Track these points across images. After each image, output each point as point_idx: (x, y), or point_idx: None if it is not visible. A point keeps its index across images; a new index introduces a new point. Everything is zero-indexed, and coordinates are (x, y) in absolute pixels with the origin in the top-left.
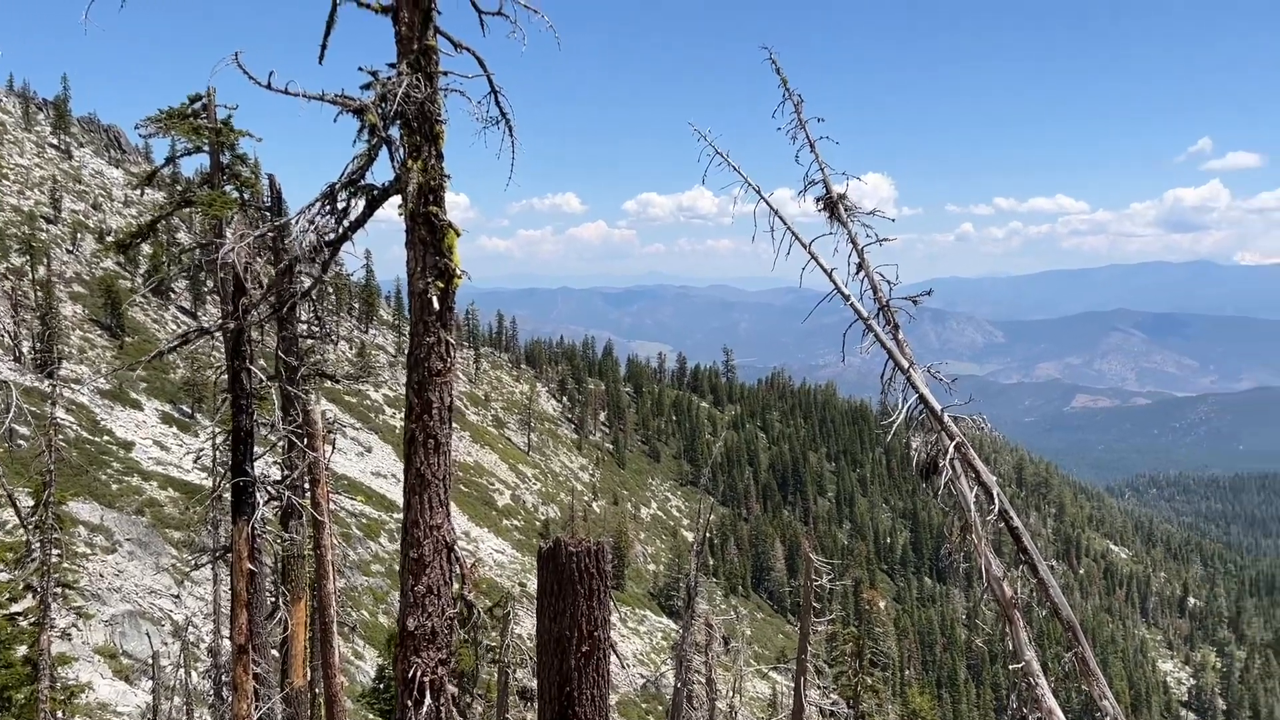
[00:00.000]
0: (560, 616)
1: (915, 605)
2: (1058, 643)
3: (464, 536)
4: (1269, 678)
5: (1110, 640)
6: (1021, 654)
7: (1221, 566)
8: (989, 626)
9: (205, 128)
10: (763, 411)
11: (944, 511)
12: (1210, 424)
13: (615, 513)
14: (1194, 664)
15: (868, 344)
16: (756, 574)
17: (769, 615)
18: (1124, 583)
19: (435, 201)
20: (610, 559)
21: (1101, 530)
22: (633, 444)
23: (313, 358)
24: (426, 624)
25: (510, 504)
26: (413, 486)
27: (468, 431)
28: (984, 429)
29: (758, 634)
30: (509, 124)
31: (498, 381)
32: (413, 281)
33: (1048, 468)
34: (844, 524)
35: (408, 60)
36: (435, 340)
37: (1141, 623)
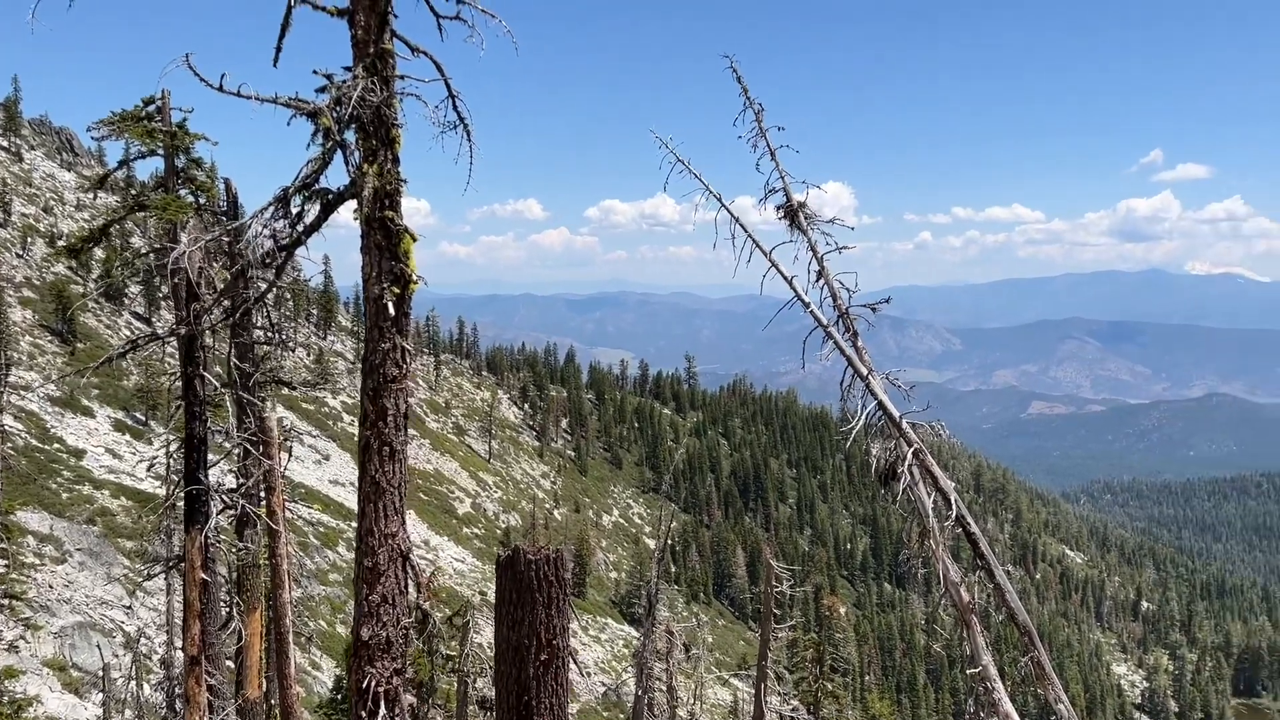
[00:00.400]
0: (519, 625)
1: (875, 611)
2: (1015, 647)
3: (424, 545)
4: (1219, 679)
5: (1066, 644)
6: (979, 658)
7: (1174, 571)
8: (947, 631)
9: (160, 131)
10: (725, 418)
11: (903, 517)
12: (1162, 430)
13: (577, 520)
14: (1147, 667)
15: (827, 351)
16: (718, 581)
17: (730, 622)
18: (1079, 587)
19: (391, 206)
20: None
21: (1057, 535)
22: (595, 451)
23: (269, 364)
24: (381, 634)
25: (471, 512)
26: (367, 494)
27: (428, 439)
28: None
29: (719, 641)
30: (467, 128)
31: (459, 388)
32: (368, 287)
33: (1005, 474)
34: (805, 530)
35: (364, 64)
36: (391, 346)
37: (1096, 627)
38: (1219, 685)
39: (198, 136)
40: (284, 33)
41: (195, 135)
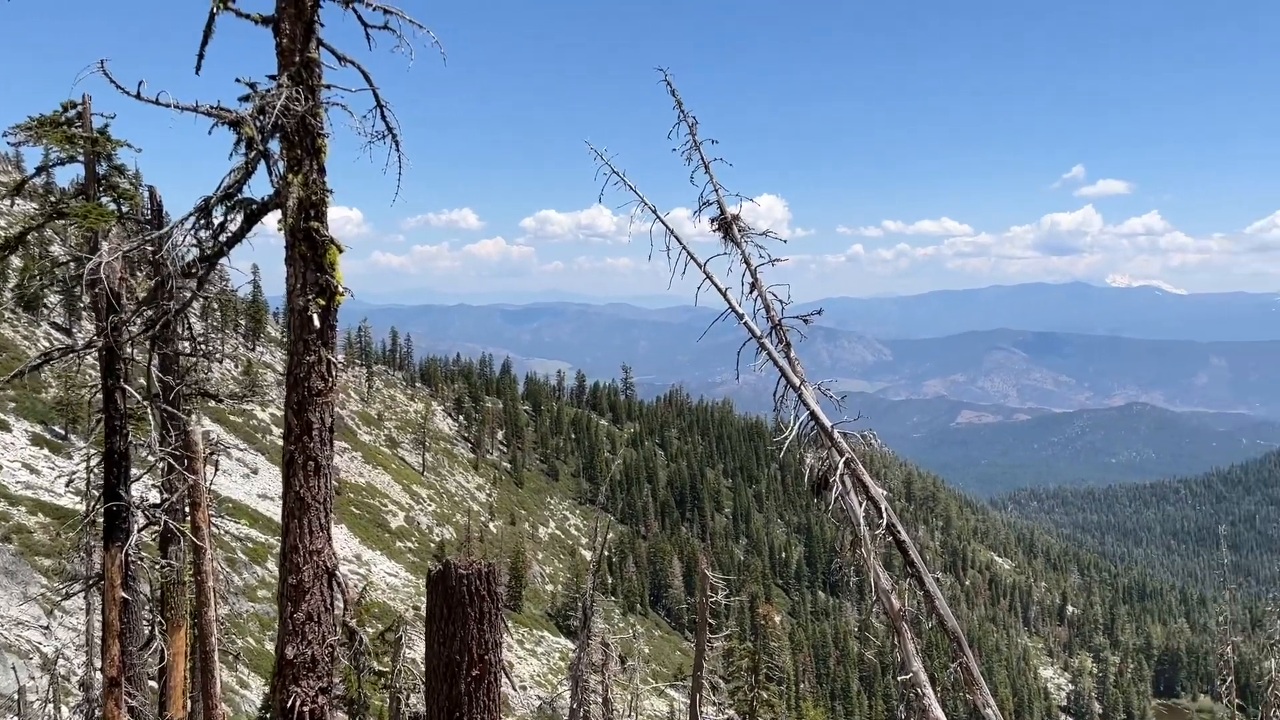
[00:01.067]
0: (450, 640)
1: (809, 619)
2: (945, 653)
3: (355, 559)
4: (1141, 681)
5: (995, 649)
6: (909, 665)
7: (1097, 575)
8: (879, 638)
9: (80, 137)
10: (661, 429)
11: (836, 526)
12: (1086, 438)
13: (513, 533)
14: (1072, 670)
15: (761, 362)
16: (655, 591)
17: (667, 633)
18: (1007, 593)
19: (317, 216)
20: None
21: (986, 542)
22: (531, 463)
23: (194, 376)
24: (306, 652)
25: (404, 525)
26: (291, 510)
27: (360, 452)
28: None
29: (655, 652)
30: (396, 138)
31: (391, 400)
32: (292, 298)
33: (935, 482)
34: (741, 540)
35: (289, 73)
36: (316, 359)
37: (1024, 631)
38: (1140, 686)
39: (120, 143)
40: (206, 40)
41: (118, 142)
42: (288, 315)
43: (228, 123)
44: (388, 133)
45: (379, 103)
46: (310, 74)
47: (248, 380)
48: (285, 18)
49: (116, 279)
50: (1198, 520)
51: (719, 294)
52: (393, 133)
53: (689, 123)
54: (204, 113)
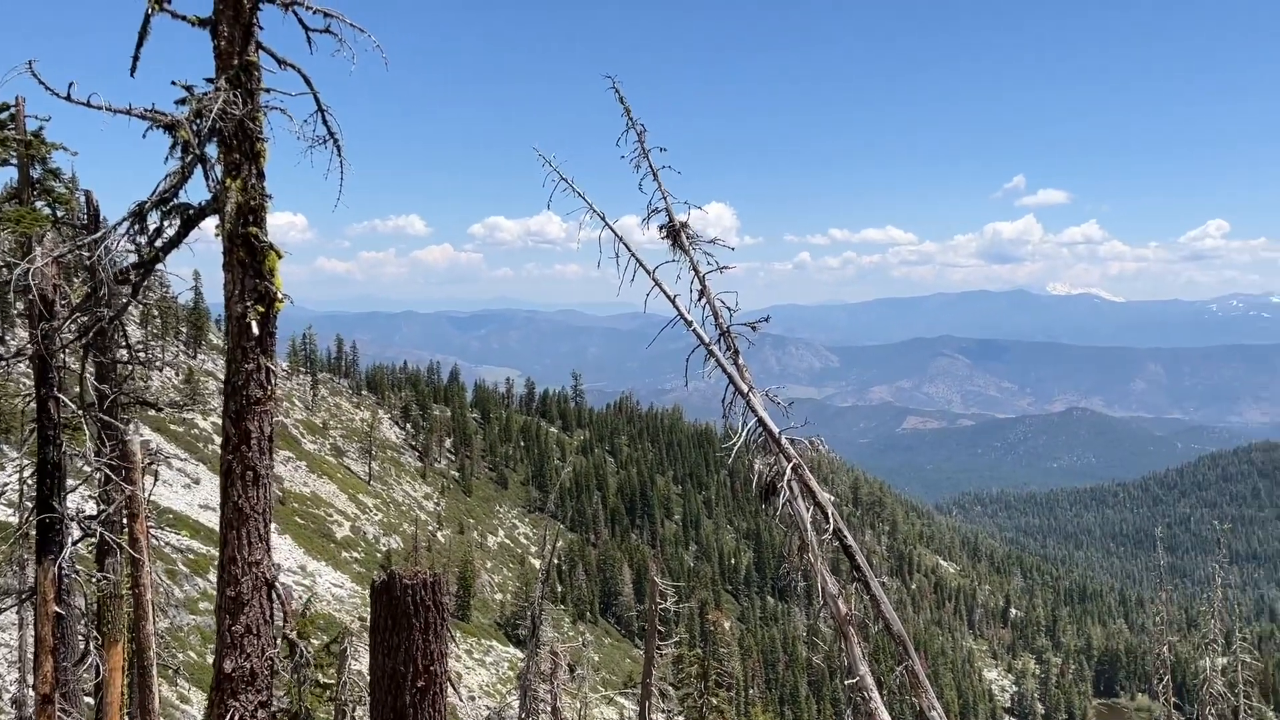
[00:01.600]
0: (395, 652)
1: (759, 624)
2: (891, 657)
3: (300, 570)
4: (1082, 681)
5: (940, 652)
6: (856, 669)
7: (1039, 578)
8: (827, 643)
9: (13, 139)
10: (611, 436)
11: (784, 531)
12: (1028, 443)
13: (461, 542)
14: (1016, 671)
15: (710, 369)
16: (605, 599)
17: (617, 640)
18: (952, 596)
19: (255, 222)
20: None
21: (931, 546)
22: (480, 471)
23: (132, 384)
24: (245, 665)
25: (350, 535)
26: (229, 521)
27: (304, 461)
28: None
29: (605, 659)
30: (337, 143)
31: (337, 408)
32: (230, 305)
33: (881, 487)
34: (690, 546)
35: (227, 76)
36: (255, 367)
37: (969, 634)
38: (1081, 687)
39: (55, 146)
40: (141, 41)
41: (53, 145)
42: (226, 322)
43: (163, 126)
44: (329, 137)
45: (320, 107)
46: (249, 77)
47: (189, 388)
48: (223, 20)
49: (50, 285)
50: (1135, 523)
51: (668, 301)
52: (334, 137)
53: (637, 130)
54: (138, 115)
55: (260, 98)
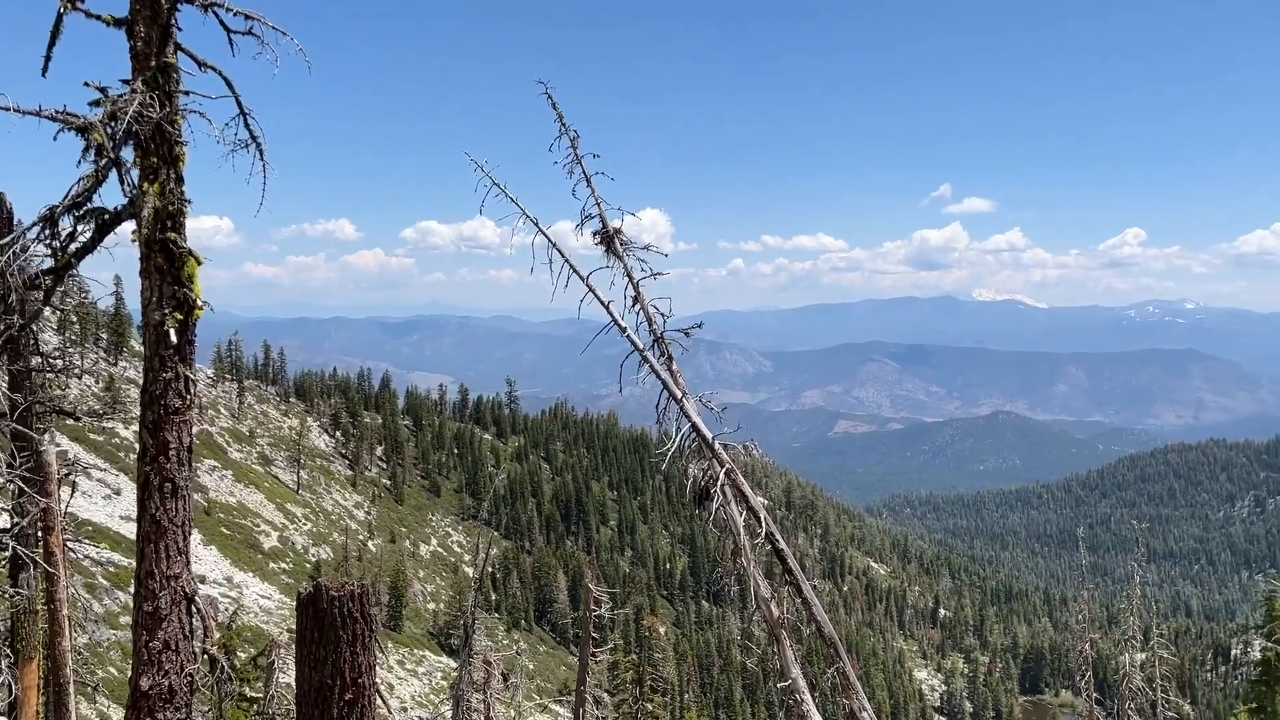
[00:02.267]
0: (322, 665)
1: (694, 629)
2: (823, 659)
3: (226, 582)
4: (1008, 679)
5: (872, 653)
6: (788, 671)
7: (967, 579)
8: (760, 646)
9: None
10: (546, 442)
11: (718, 536)
12: (955, 446)
13: (393, 551)
14: (945, 671)
15: (644, 375)
16: (540, 607)
17: (552, 648)
18: (883, 597)
19: (174, 228)
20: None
21: (863, 549)
22: (412, 479)
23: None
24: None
25: (278, 546)
26: (147, 534)
27: (230, 470)
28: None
29: (541, 667)
30: (260, 147)
31: (264, 416)
32: (148, 313)
33: (814, 490)
34: (626, 552)
35: (144, 77)
36: (173, 376)
37: (899, 635)
38: (1008, 685)
39: None
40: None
41: None
42: (144, 330)
43: (75, 128)
44: (252, 141)
45: (242, 110)
46: (167, 79)
47: (109, 397)
48: (140, 20)
49: None
50: (1059, 523)
51: (602, 307)
52: (256, 141)
53: (570, 136)
54: (48, 117)
55: (179, 100)
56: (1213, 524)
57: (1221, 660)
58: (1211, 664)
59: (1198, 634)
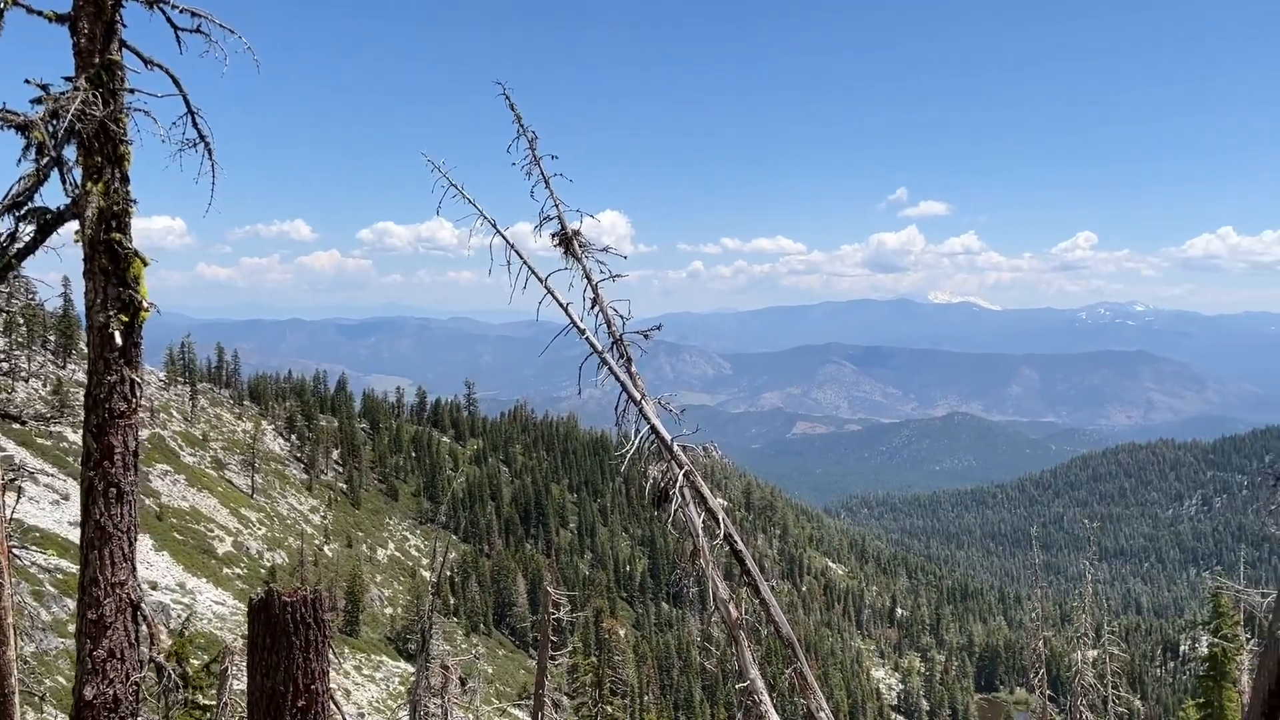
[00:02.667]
0: (274, 671)
1: (654, 630)
2: (782, 660)
3: (179, 588)
4: (964, 677)
5: (830, 653)
6: (747, 672)
7: (924, 578)
8: (720, 648)
9: None
10: (505, 445)
11: (677, 538)
12: (912, 447)
13: (349, 555)
14: (902, 670)
15: (603, 377)
16: (499, 610)
17: (511, 651)
18: (841, 597)
19: (119, 228)
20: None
21: (821, 549)
22: (369, 483)
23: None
24: (108, 691)
25: (232, 551)
26: (91, 541)
27: (183, 475)
28: (714, 456)
29: (500, 671)
30: (209, 147)
31: (218, 420)
32: (92, 315)
33: (773, 491)
34: (585, 554)
35: (87, 75)
36: (118, 379)
37: (857, 634)
38: (964, 683)
39: None
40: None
41: None
42: (88, 332)
43: (15, 126)
44: (200, 140)
45: (190, 109)
46: (112, 77)
47: (57, 400)
48: (84, 16)
49: None
50: (1013, 523)
51: (561, 309)
52: (205, 140)
53: (529, 137)
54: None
55: (124, 98)
56: (1162, 522)
57: (1170, 656)
58: (1161, 660)
59: (1148, 630)
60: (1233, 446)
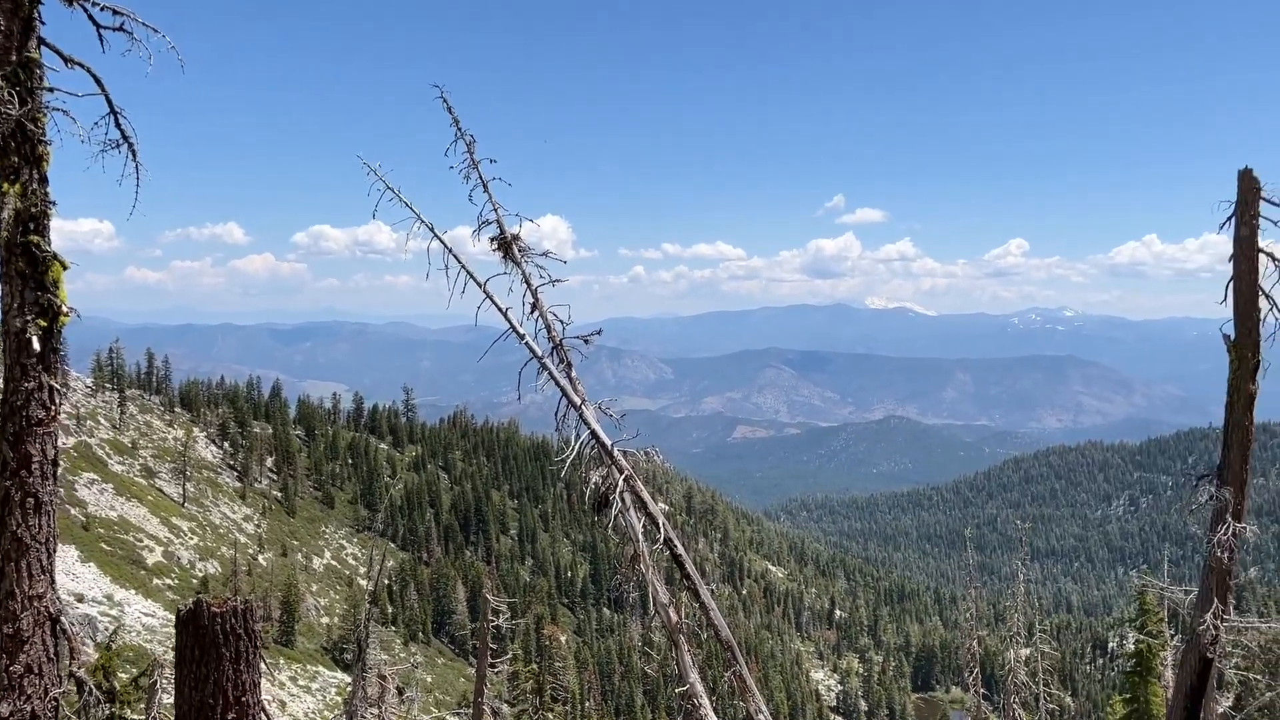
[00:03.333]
0: (203, 683)
1: (595, 636)
2: (721, 663)
3: (107, 600)
4: (901, 677)
5: (770, 655)
6: (687, 676)
7: (862, 580)
8: (660, 652)
9: None
10: (445, 451)
11: (618, 543)
12: (850, 450)
13: (284, 564)
14: (841, 671)
15: (544, 382)
16: (438, 618)
17: (451, 660)
18: (781, 600)
19: (37, 230)
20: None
21: (761, 552)
22: (304, 490)
23: None
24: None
25: (162, 561)
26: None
27: (111, 484)
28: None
29: (439, 679)
30: (132, 148)
31: (147, 427)
32: (9, 320)
33: (714, 495)
34: (527, 561)
35: (3, 73)
36: (36, 386)
37: (797, 636)
38: (901, 683)
39: None
40: None
41: None
42: (4, 338)
43: None
44: (123, 141)
45: (113, 109)
46: (30, 75)
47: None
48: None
49: None
50: (948, 524)
51: (500, 314)
52: (129, 141)
53: (466, 140)
54: None
55: (43, 97)
56: (1091, 523)
57: (1100, 653)
58: (1091, 657)
59: (1078, 628)
60: (1158, 448)
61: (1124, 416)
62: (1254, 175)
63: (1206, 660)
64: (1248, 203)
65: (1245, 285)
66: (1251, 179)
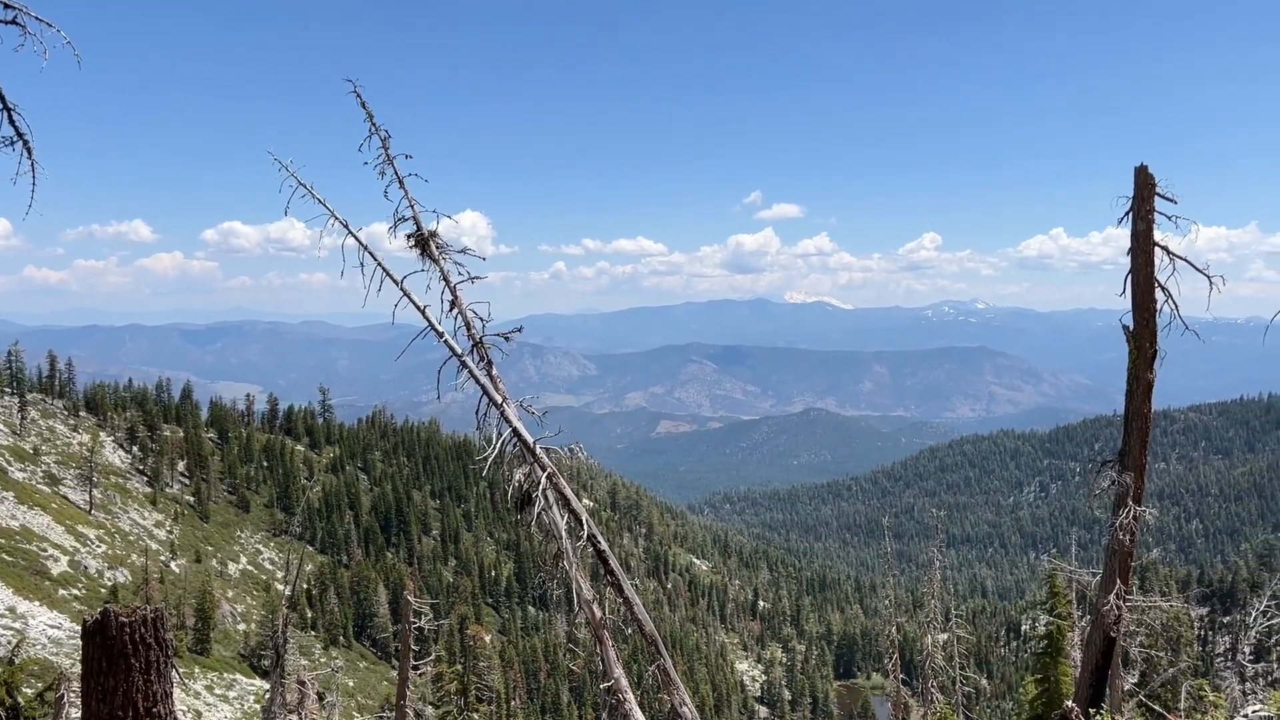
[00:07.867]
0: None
1: (520, 635)
2: (646, 657)
3: (9, 613)
4: (824, 666)
5: (696, 648)
6: (611, 671)
7: (784, 570)
8: (585, 648)
9: None
10: (364, 452)
11: (542, 540)
12: (771, 443)
13: (198, 571)
14: (765, 661)
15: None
16: (359, 622)
17: (373, 663)
18: (706, 593)
19: None
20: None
21: (686, 546)
22: (218, 495)
23: None
24: None
25: (68, 571)
26: None
27: (12, 492)
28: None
29: (361, 683)
30: (28, 145)
31: (50, 432)
32: None
33: (638, 490)
34: (450, 561)
35: None
36: None
37: (721, 628)
38: (823, 671)
39: None
40: None
41: None
42: None
43: None
44: (18, 138)
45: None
46: None
47: None
48: None
49: None
50: (867, 514)
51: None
52: (24, 138)
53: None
54: None
55: None
56: (1004, 509)
57: (1014, 636)
58: (1005, 640)
59: (992, 613)
60: (1066, 435)
61: (1034, 405)
62: (1149, 172)
63: (1110, 639)
64: (1144, 198)
65: (1142, 278)
66: (1147, 175)
